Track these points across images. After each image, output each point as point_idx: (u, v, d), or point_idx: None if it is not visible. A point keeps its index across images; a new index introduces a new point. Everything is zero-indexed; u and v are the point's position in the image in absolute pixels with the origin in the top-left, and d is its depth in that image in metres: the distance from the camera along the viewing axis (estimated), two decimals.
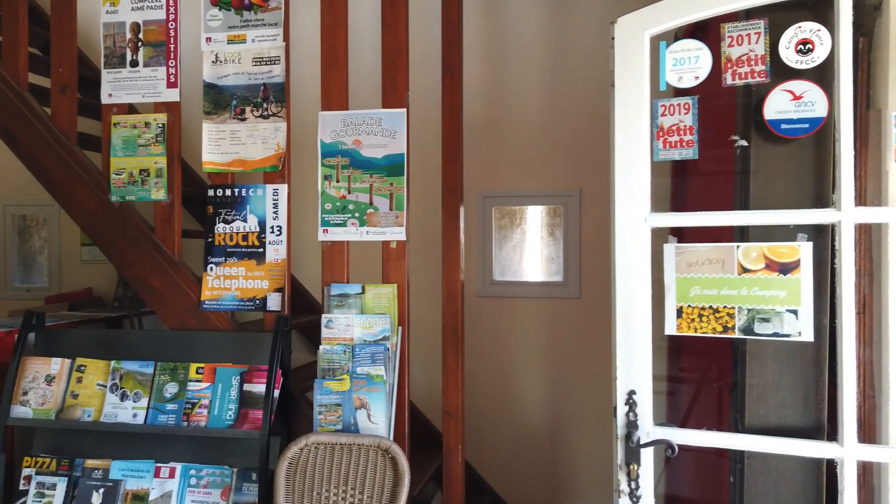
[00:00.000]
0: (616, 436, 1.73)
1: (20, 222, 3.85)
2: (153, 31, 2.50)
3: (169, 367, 2.34)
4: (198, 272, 2.50)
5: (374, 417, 2.19)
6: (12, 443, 2.47)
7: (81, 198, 2.57)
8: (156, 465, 2.32)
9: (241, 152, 2.43)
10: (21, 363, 2.40)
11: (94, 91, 2.71)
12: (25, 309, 2.62)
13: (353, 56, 2.43)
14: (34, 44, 3.18)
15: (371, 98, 2.48)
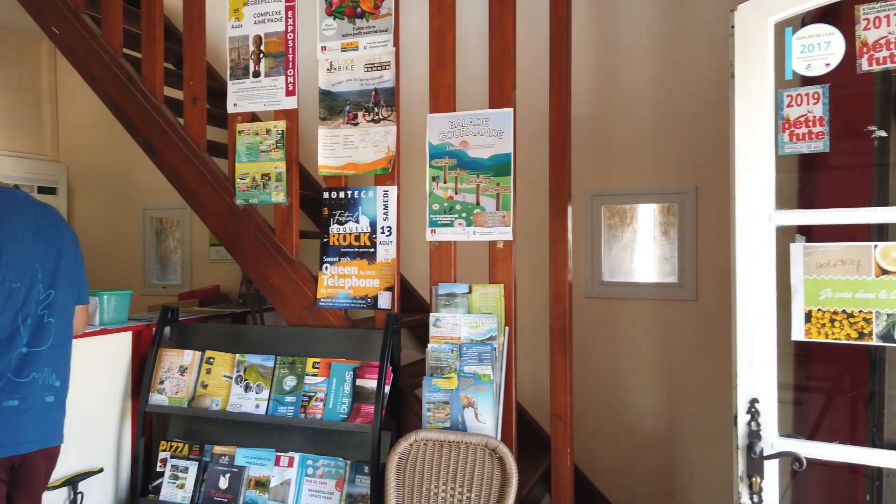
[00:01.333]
0: (736, 446, 1.64)
1: (157, 224, 4.20)
2: (273, 43, 2.64)
3: (288, 361, 2.46)
4: (314, 271, 2.61)
5: (482, 416, 2.20)
6: (150, 428, 2.69)
7: (210, 201, 2.76)
8: (276, 454, 2.45)
9: (354, 156, 2.52)
10: (158, 354, 2.62)
11: (220, 101, 2.90)
12: (162, 304, 2.84)
13: (460, 57, 2.45)
14: (168, 59, 3.45)
15: (477, 98, 2.49)
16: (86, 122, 4.40)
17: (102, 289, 2.65)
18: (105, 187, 4.37)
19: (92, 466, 2.47)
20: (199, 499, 2.46)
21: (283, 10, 2.62)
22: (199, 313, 3.16)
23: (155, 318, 2.76)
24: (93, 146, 4.39)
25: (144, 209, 4.20)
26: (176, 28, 3.72)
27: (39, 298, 1.86)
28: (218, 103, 3.07)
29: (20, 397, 1.78)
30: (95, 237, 4.36)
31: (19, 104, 4.29)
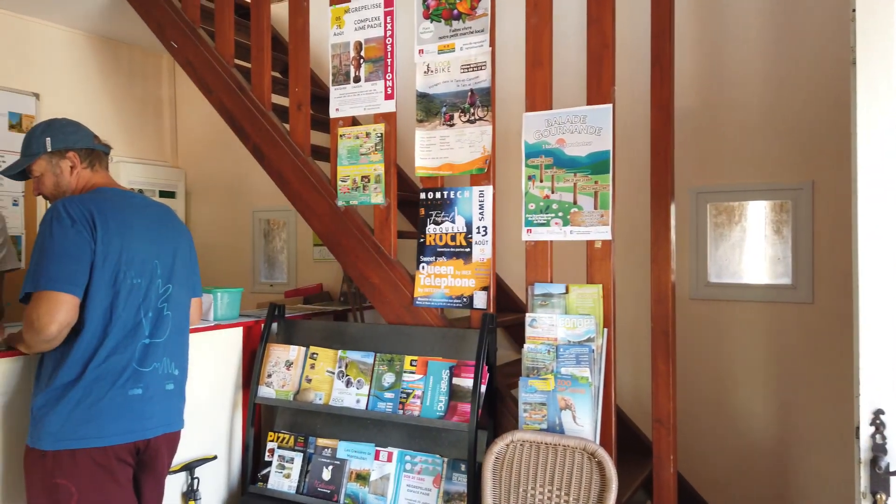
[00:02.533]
0: (858, 460, 1.52)
1: (265, 226, 4.41)
2: (373, 48, 2.71)
3: (386, 359, 2.52)
4: (411, 271, 2.66)
5: (580, 419, 2.16)
6: (259, 419, 2.83)
7: (314, 203, 2.87)
8: (375, 448, 2.51)
9: (450, 156, 2.54)
10: (266, 349, 2.75)
11: (323, 107, 3.02)
12: (269, 302, 2.99)
13: (556, 54, 2.42)
14: (275, 68, 3.62)
15: (573, 95, 2.45)
16: (201, 130, 4.70)
17: (216, 286, 2.81)
18: (218, 191, 4.64)
19: (207, 453, 2.63)
20: (303, 488, 2.57)
21: (382, 16, 2.68)
22: (304, 310, 3.29)
23: (263, 314, 2.90)
24: (208, 152, 4.68)
25: (254, 211, 4.42)
26: (282, 38, 3.90)
27: (159, 293, 1.99)
28: (321, 109, 3.18)
29: (143, 386, 1.92)
30: (209, 238, 4.64)
31: (143, 115, 4.64)
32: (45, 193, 2.03)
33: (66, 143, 1.99)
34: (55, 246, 1.78)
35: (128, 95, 4.53)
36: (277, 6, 3.44)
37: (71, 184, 2.00)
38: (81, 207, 1.84)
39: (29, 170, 2.01)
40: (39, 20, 4.00)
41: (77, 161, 2.00)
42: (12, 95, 3.85)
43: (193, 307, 2.20)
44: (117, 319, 1.87)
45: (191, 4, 3.26)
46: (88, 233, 1.82)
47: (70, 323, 1.79)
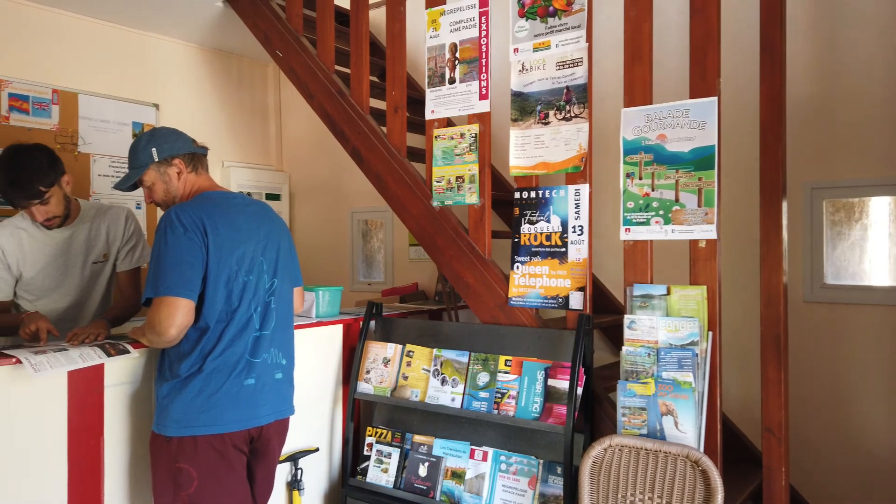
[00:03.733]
0: None
1: (363, 226, 4.53)
2: (468, 49, 2.73)
3: (481, 358, 2.52)
4: (505, 270, 2.65)
5: (682, 426, 2.08)
6: (359, 414, 2.92)
7: (410, 204, 2.92)
8: (470, 447, 2.53)
9: (545, 155, 2.52)
10: (365, 346, 2.83)
11: (419, 109, 3.06)
12: (367, 300, 3.07)
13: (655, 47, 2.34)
14: (373, 73, 3.71)
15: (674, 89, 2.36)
16: (304, 135, 4.89)
17: (317, 285, 2.92)
18: (319, 193, 4.81)
19: (310, 445, 2.74)
20: (401, 484, 2.62)
21: (477, 17, 2.69)
22: (400, 309, 3.35)
23: (362, 312, 2.98)
24: (309, 156, 4.87)
25: (353, 212, 4.56)
26: (380, 43, 4.00)
27: (266, 288, 2.10)
28: (417, 111, 3.24)
29: (255, 376, 2.03)
30: (311, 238, 4.83)
31: (251, 121, 4.88)
32: (156, 201, 2.16)
33: (171, 150, 2.11)
34: (170, 253, 1.91)
35: (237, 103, 4.79)
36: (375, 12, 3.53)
37: (179, 189, 2.13)
38: (192, 214, 1.96)
39: (139, 181, 2.14)
40: (159, 35, 4.30)
41: (183, 166, 2.12)
42: (135, 106, 4.16)
43: (296, 296, 2.30)
44: (232, 316, 1.99)
45: (294, 14, 3.40)
46: (200, 238, 1.94)
47: (188, 325, 1.92)
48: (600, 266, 3.07)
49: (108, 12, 3.90)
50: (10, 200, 2.28)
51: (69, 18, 3.85)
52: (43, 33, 3.75)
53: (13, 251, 2.38)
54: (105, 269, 2.56)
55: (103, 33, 4.01)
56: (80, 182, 3.87)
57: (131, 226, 2.60)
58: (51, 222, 2.36)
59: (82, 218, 2.50)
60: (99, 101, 3.98)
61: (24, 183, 2.23)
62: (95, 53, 3.98)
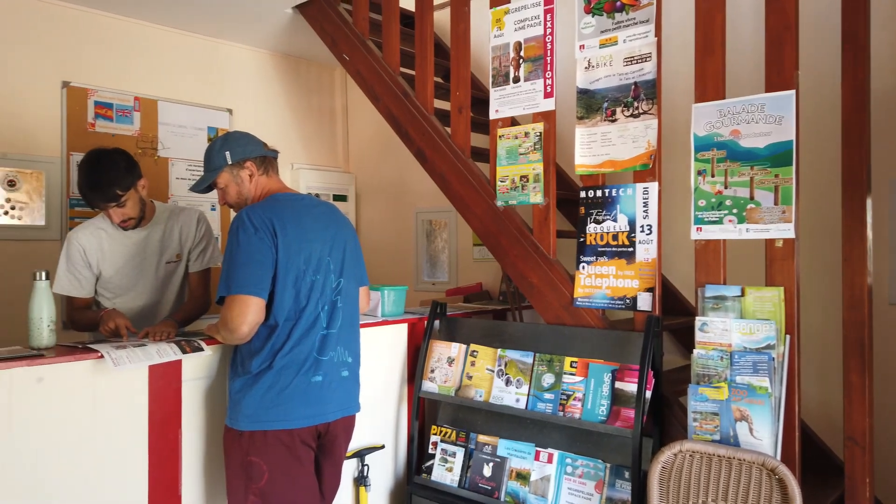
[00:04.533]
0: None
1: (427, 226, 4.57)
2: (532, 47, 2.71)
3: (546, 359, 2.50)
4: (570, 270, 2.62)
5: (757, 432, 2.00)
6: (423, 412, 2.94)
7: (473, 203, 2.92)
8: (535, 448, 2.50)
9: (612, 153, 2.47)
10: (429, 345, 2.85)
11: (482, 109, 3.06)
12: (432, 300, 3.09)
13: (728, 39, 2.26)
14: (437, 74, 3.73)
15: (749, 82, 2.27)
16: (369, 137, 4.97)
17: (383, 284, 2.96)
18: (384, 193, 4.88)
19: (375, 443, 2.78)
20: (465, 483, 2.62)
21: (542, 14, 2.67)
22: (464, 309, 3.36)
23: (426, 311, 3.01)
24: (375, 157, 4.94)
25: (417, 212, 4.60)
26: (444, 43, 4.02)
27: (332, 287, 2.14)
28: (481, 111, 3.24)
29: (322, 373, 2.08)
30: (376, 238, 4.90)
31: (319, 124, 5.00)
32: (229, 202, 2.24)
33: (244, 153, 2.18)
34: (242, 253, 1.97)
35: (306, 107, 4.91)
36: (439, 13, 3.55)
37: (251, 191, 2.20)
38: (262, 216, 2.02)
39: (213, 183, 2.22)
40: (232, 43, 4.45)
41: (254, 169, 2.19)
42: (210, 112, 4.33)
43: (362, 295, 2.34)
44: (300, 314, 2.04)
45: (360, 18, 3.46)
46: (270, 239, 2.00)
47: (258, 322, 1.98)
48: (669, 266, 2.99)
49: (186, 22, 4.07)
50: (89, 202, 2.40)
51: (150, 29, 4.04)
52: (126, 44, 3.94)
53: (94, 251, 2.50)
54: (178, 269, 2.66)
55: (181, 42, 4.19)
56: (160, 185, 4.05)
57: (202, 228, 2.69)
58: (126, 224, 2.47)
59: (157, 219, 2.61)
60: (177, 108, 4.16)
61: (104, 186, 2.34)
62: (174, 62, 4.16)
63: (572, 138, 2.57)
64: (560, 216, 3.59)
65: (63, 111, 3.70)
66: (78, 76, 3.75)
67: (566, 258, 2.72)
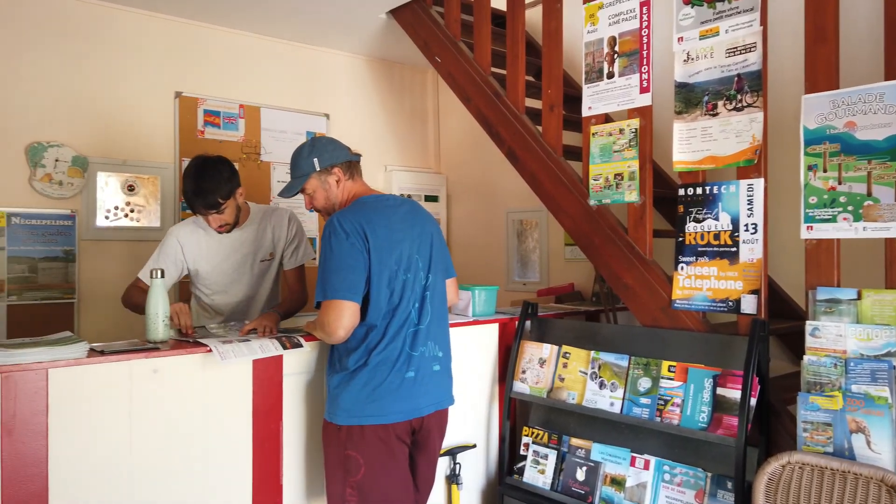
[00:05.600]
0: None
1: (518, 226, 4.54)
2: (627, 42, 2.64)
3: (642, 362, 2.43)
4: (668, 271, 2.53)
5: (876, 446, 1.86)
6: (515, 413, 2.93)
7: (565, 203, 2.88)
8: (631, 454, 2.44)
9: (713, 149, 2.37)
10: (520, 346, 2.83)
11: (574, 106, 3.01)
12: (523, 300, 3.07)
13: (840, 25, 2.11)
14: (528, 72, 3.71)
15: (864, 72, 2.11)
16: (460, 138, 5.01)
17: (473, 284, 2.96)
18: (475, 194, 4.90)
19: (467, 441, 2.79)
20: (558, 486, 2.59)
21: (638, 7, 2.60)
22: (556, 309, 3.32)
23: (517, 312, 2.99)
24: (465, 158, 4.97)
25: (507, 212, 4.58)
26: (535, 41, 3.98)
27: (422, 284, 2.17)
28: (572, 109, 3.19)
29: (414, 368, 2.12)
30: (467, 238, 4.92)
31: (411, 126, 5.08)
32: (317, 207, 2.29)
33: (332, 159, 2.22)
34: (335, 259, 2.03)
35: (398, 109, 5.01)
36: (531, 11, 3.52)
37: (338, 196, 2.25)
38: (352, 220, 2.07)
39: (302, 189, 2.27)
40: (329, 49, 4.61)
41: (341, 174, 2.24)
42: (308, 117, 4.50)
43: (450, 288, 2.35)
44: (394, 313, 2.09)
45: (452, 20, 3.48)
46: (361, 243, 2.04)
47: (354, 325, 2.04)
48: (776, 267, 2.82)
49: (287, 32, 4.25)
50: (191, 206, 2.53)
51: (254, 40, 4.25)
52: (232, 54, 4.17)
53: (192, 247, 2.66)
54: (272, 266, 2.78)
55: (282, 51, 4.38)
56: (262, 188, 4.25)
57: (293, 227, 2.80)
58: (222, 229, 2.60)
59: (251, 220, 2.73)
60: (278, 114, 4.35)
61: (207, 194, 2.46)
62: (276, 70, 4.36)
63: (669, 134, 2.49)
64: (656, 215, 3.48)
65: (175, 120, 3.95)
66: (189, 86, 4.00)
67: (663, 258, 2.63)
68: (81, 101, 3.64)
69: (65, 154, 3.56)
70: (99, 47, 3.69)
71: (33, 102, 3.49)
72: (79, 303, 3.61)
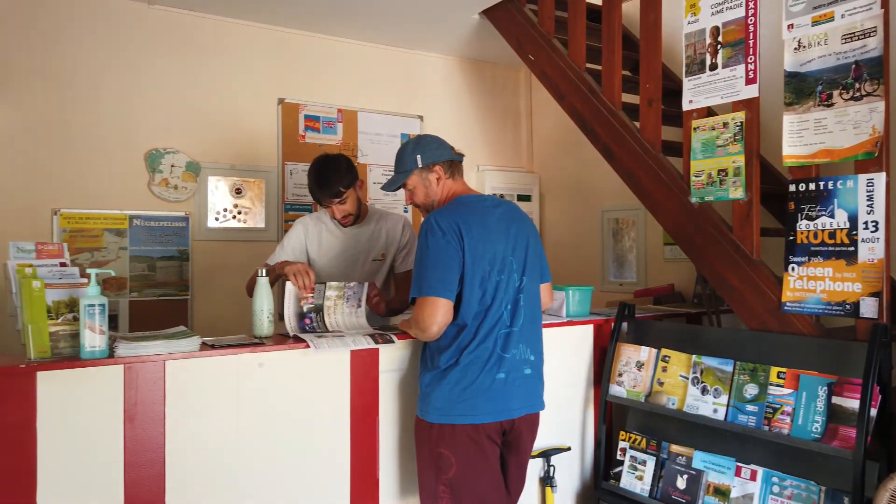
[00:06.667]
0: None
1: (614, 225, 4.44)
2: (732, 31, 2.51)
3: (748, 368, 2.31)
4: (776, 272, 2.39)
5: None
6: (611, 416, 2.86)
7: (665, 200, 2.79)
8: (736, 463, 2.32)
9: (827, 141, 2.22)
10: (616, 348, 2.76)
11: (674, 100, 2.90)
12: (619, 301, 2.99)
13: None
14: (624, 67, 3.61)
15: None
16: (553, 136, 4.95)
17: (567, 284, 2.92)
18: (568, 192, 4.82)
19: (561, 444, 2.75)
20: (657, 493, 2.51)
21: None
22: (654, 311, 3.21)
23: (613, 313, 2.92)
24: (559, 157, 4.90)
25: (603, 211, 4.48)
26: (632, 35, 3.87)
27: (515, 286, 2.16)
28: (671, 103, 3.08)
29: (505, 370, 2.11)
30: (560, 237, 4.86)
31: (503, 126, 5.07)
32: (416, 203, 2.34)
33: (434, 157, 2.26)
34: (431, 256, 2.06)
35: (490, 109, 5.01)
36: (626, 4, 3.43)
37: (438, 193, 2.28)
38: (449, 220, 2.09)
39: (403, 184, 2.33)
40: (422, 52, 4.68)
41: (442, 173, 2.27)
42: (402, 119, 4.59)
43: (544, 292, 2.33)
44: (486, 313, 2.09)
45: (546, 17, 3.45)
46: (457, 241, 2.06)
47: (447, 322, 2.06)
48: None
49: (382, 36, 4.35)
50: (316, 198, 2.70)
51: (351, 46, 4.38)
52: (330, 60, 4.32)
53: (313, 237, 2.82)
54: (382, 267, 2.86)
55: (376, 55, 4.49)
56: None
57: (407, 234, 2.89)
58: (346, 220, 2.74)
59: (368, 219, 2.85)
60: (374, 117, 4.46)
61: (329, 184, 2.62)
62: (372, 74, 4.47)
63: (776, 127, 2.35)
64: (763, 212, 3.30)
65: (279, 125, 4.14)
66: (291, 93, 4.18)
67: (771, 258, 2.49)
68: (194, 110, 3.88)
69: (179, 160, 3.80)
70: (208, 59, 3.92)
71: (151, 113, 3.76)
72: (192, 299, 3.85)
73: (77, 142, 3.57)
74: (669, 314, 3.17)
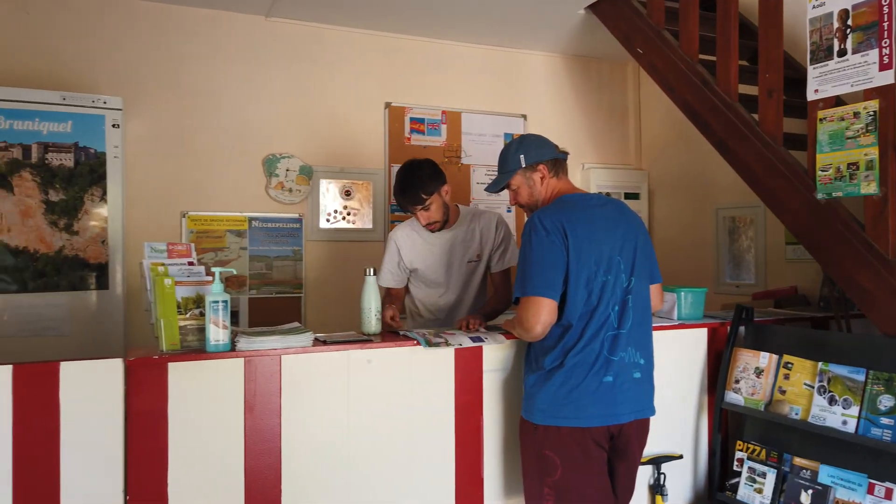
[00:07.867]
0: None
1: (730, 223, 4.21)
2: (863, 14, 2.32)
3: (883, 377, 2.12)
4: None
5: None
6: (726, 425, 2.71)
7: (787, 197, 2.61)
8: (869, 480, 2.14)
9: None
10: (733, 353, 2.62)
11: (797, 90, 2.72)
12: (735, 303, 2.84)
13: None
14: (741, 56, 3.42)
15: None
16: (663, 131, 4.77)
17: (678, 285, 2.80)
18: (679, 190, 4.63)
19: (672, 451, 2.65)
20: None
21: None
22: (775, 314, 3.02)
23: (729, 316, 2.78)
24: (669, 152, 4.72)
25: (717, 209, 4.27)
26: (749, 23, 3.66)
27: (623, 287, 2.10)
28: (793, 93, 2.88)
29: (613, 374, 2.05)
30: (671, 237, 4.67)
31: (609, 122, 4.95)
32: (520, 203, 2.32)
33: (537, 157, 2.23)
34: (535, 256, 2.04)
35: (595, 106, 4.90)
36: None
37: (542, 193, 2.25)
38: (553, 219, 2.06)
39: (507, 184, 2.31)
40: (524, 50, 4.65)
41: (546, 172, 2.24)
42: (506, 119, 4.58)
43: (654, 294, 2.26)
44: (592, 314, 2.05)
45: (656, 9, 3.33)
46: (561, 241, 2.03)
47: (551, 322, 2.03)
48: None
49: (484, 36, 4.37)
50: (400, 205, 2.76)
51: (453, 47, 4.43)
52: (433, 63, 4.39)
53: (407, 249, 2.85)
54: (479, 267, 2.87)
55: (479, 56, 4.51)
56: (463, 190, 4.42)
57: (501, 231, 2.87)
58: (432, 226, 2.76)
59: (460, 222, 2.86)
60: (477, 118, 4.49)
61: (411, 191, 2.66)
62: (474, 75, 4.50)
63: None
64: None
65: (385, 129, 4.25)
66: (397, 96, 4.28)
67: None
68: (306, 116, 4.07)
69: (293, 164, 3.99)
70: (320, 67, 4.10)
71: (268, 120, 3.97)
72: (305, 296, 4.03)
73: (201, 149, 3.84)
74: (792, 318, 2.98)
